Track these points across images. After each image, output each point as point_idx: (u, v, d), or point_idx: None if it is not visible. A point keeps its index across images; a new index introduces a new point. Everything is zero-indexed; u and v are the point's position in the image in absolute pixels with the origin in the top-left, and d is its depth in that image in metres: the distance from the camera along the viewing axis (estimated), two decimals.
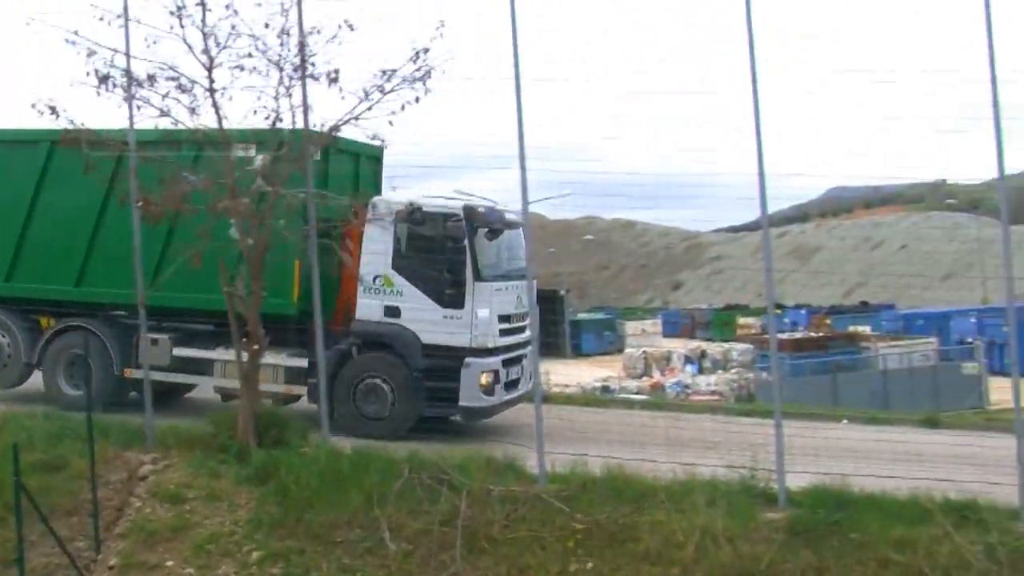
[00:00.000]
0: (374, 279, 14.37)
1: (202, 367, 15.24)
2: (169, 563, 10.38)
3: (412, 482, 10.74)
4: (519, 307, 14.95)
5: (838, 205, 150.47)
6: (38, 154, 15.48)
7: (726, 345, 44.94)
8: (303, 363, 14.47)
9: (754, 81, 10.37)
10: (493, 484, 10.57)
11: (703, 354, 41.85)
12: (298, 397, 14.89)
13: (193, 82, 11.47)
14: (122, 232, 13.76)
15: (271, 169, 12.12)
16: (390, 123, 11.11)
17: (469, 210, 14.41)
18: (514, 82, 10.65)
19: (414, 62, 11.05)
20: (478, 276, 14.22)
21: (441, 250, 14.32)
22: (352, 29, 10.79)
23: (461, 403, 14.14)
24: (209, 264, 12.29)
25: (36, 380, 16.11)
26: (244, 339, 12.60)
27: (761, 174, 10.45)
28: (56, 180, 15.43)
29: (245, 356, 12.70)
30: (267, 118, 11.75)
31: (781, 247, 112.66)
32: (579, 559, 9.71)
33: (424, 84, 10.96)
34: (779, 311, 47.42)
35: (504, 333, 14.57)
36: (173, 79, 11.47)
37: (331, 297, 14.29)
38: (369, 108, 11.09)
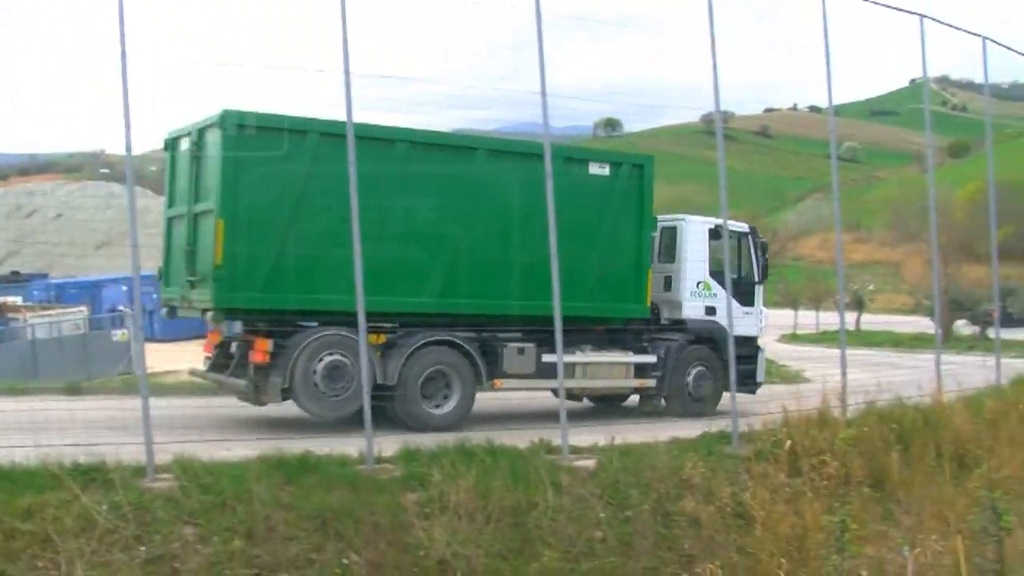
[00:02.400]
0: (697, 284, 17.81)
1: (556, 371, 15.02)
2: None
3: None
4: None
5: None
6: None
7: None
8: (651, 359, 17.11)
9: None
10: None
11: None
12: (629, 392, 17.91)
13: None
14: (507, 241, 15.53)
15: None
16: None
17: (753, 228, 19.04)
18: None
19: None
20: (759, 280, 18.61)
21: (741, 259, 18.28)
22: None
23: (758, 380, 18.16)
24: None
25: None
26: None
27: None
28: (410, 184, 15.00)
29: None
30: None
31: None
32: None
33: None
34: None
35: None
36: None
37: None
38: None
